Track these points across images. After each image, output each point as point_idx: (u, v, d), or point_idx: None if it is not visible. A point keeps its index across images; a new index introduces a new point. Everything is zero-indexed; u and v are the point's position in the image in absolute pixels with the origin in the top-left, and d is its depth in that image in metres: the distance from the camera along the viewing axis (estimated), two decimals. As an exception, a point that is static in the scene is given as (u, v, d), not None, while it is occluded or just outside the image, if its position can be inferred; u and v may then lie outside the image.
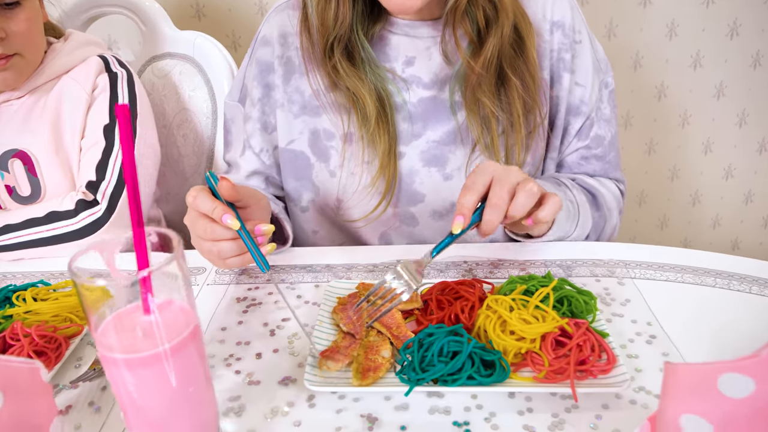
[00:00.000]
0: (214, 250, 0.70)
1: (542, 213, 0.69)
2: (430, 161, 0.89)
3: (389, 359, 0.60)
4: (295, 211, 0.98)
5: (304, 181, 0.94)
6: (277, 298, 0.75)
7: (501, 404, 0.57)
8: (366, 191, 0.90)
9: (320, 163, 0.91)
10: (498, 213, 0.66)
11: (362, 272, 0.80)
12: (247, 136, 0.96)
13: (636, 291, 0.74)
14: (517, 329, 0.60)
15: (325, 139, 0.90)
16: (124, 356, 0.44)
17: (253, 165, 0.96)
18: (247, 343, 0.67)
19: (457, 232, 0.66)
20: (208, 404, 0.50)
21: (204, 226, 0.69)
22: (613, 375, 0.58)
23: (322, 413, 0.56)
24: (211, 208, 0.68)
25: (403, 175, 0.90)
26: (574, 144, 0.95)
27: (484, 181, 0.67)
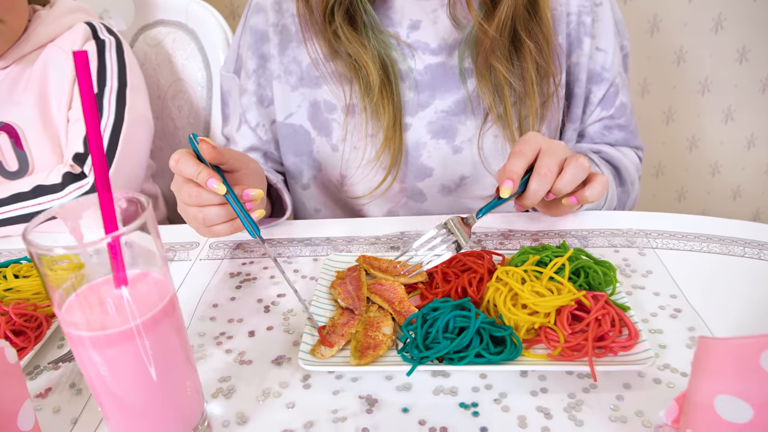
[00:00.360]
0: (200, 216, 0.65)
1: (589, 191, 0.65)
2: (438, 133, 0.84)
3: (390, 336, 0.55)
4: (295, 189, 0.93)
5: (304, 156, 0.89)
6: (273, 273, 0.71)
7: (512, 384, 0.52)
8: (370, 166, 0.85)
9: (321, 137, 0.86)
10: (545, 184, 0.62)
11: (363, 245, 0.76)
12: (242, 110, 0.91)
13: (658, 262, 0.69)
14: (530, 302, 0.55)
15: (325, 111, 0.85)
16: (90, 334, 0.39)
17: (250, 140, 0.92)
18: (239, 321, 0.62)
19: (506, 196, 0.63)
20: (190, 386, 0.46)
21: (189, 191, 0.64)
22: (636, 352, 0.53)
23: (318, 394, 0.52)
24: (195, 172, 0.63)
25: (409, 148, 0.84)
26: (597, 113, 0.89)
27: (532, 149, 0.64)
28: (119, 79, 0.92)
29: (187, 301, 0.66)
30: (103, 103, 0.89)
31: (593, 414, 0.49)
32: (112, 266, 0.40)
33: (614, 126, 0.91)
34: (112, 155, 0.87)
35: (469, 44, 0.82)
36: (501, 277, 0.58)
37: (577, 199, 0.67)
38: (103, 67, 0.91)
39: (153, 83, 1.11)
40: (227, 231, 0.67)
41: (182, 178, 0.65)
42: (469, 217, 0.65)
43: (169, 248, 0.78)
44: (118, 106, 0.91)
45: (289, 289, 0.67)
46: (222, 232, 0.67)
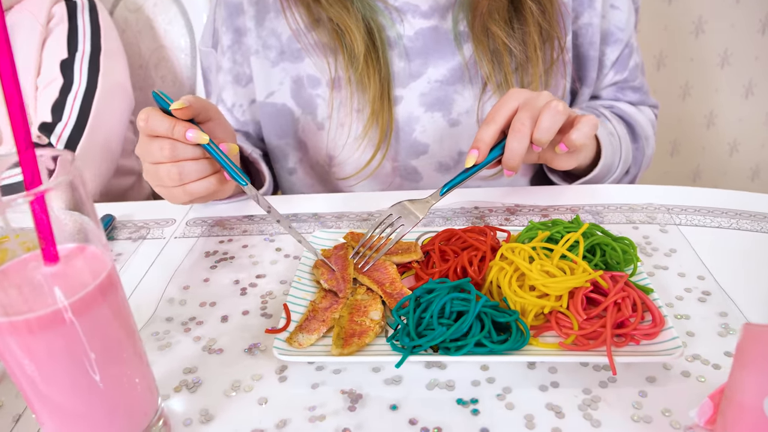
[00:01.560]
0: (174, 171, 0.58)
1: (575, 134, 0.59)
2: (432, 105, 0.76)
3: (379, 322, 0.49)
4: (281, 174, 0.86)
5: (288, 138, 0.81)
6: (252, 251, 0.64)
7: (518, 378, 0.45)
8: (357, 143, 0.77)
9: (306, 116, 0.79)
10: (520, 139, 0.57)
11: (355, 221, 0.69)
12: (219, 90, 0.84)
13: (682, 239, 0.62)
14: (539, 284, 0.48)
15: (309, 86, 0.78)
16: (9, 319, 0.32)
17: None
18: (212, 305, 0.56)
19: (468, 165, 0.58)
20: (140, 382, 0.39)
21: (161, 144, 0.57)
22: (661, 340, 0.46)
23: (294, 389, 0.46)
24: (169, 127, 0.56)
25: (401, 123, 0.77)
26: (611, 77, 0.83)
27: (507, 110, 0.59)
28: (92, 44, 0.85)
29: (155, 284, 0.60)
30: (74, 68, 0.82)
31: (612, 413, 0.42)
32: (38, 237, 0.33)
33: (628, 88, 0.85)
34: (83, 125, 0.80)
35: (464, 6, 0.74)
36: (506, 255, 0.51)
37: (566, 145, 0.60)
38: (74, 29, 0.84)
39: (134, 52, 1.04)
40: (207, 188, 0.60)
41: (150, 137, 0.58)
42: (431, 197, 0.58)
43: (143, 225, 0.71)
44: (91, 72, 0.84)
45: (270, 269, 0.60)
46: (200, 189, 0.60)
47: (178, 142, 0.58)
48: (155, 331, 0.53)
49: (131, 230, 0.70)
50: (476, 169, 0.59)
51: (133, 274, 0.62)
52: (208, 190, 0.60)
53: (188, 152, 0.58)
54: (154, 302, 0.57)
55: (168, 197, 0.62)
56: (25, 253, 0.35)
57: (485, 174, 0.79)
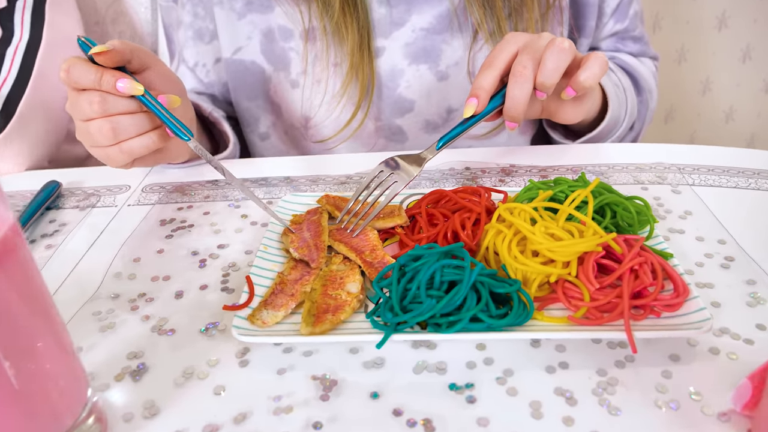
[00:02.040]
0: (107, 127, 0.50)
1: (584, 74, 0.52)
2: (417, 56, 0.69)
3: (357, 295, 0.42)
4: (253, 140, 0.78)
5: (259, 100, 0.73)
6: (215, 219, 0.56)
7: (520, 358, 0.38)
8: (336, 101, 0.69)
9: (278, 73, 0.71)
10: (522, 84, 0.51)
11: (332, 185, 0.61)
12: (179, 47, 0.75)
13: (698, 201, 0.55)
14: (544, 248, 0.41)
15: (281, 39, 0.69)
16: None
17: (190, 83, 0.76)
18: (165, 279, 0.48)
19: (467, 115, 0.52)
20: (60, 372, 0.32)
21: (89, 98, 0.49)
22: (685, 312, 0.39)
23: (258, 374, 0.38)
24: (96, 77, 0.48)
25: (383, 78, 0.69)
26: (611, 26, 0.76)
27: (506, 54, 0.53)
28: None
29: (102, 257, 0.52)
30: (14, 19, 0.73)
31: (632, 397, 0.36)
32: None
33: (628, 38, 0.79)
34: (25, 81, 0.71)
35: None
36: (504, 216, 0.44)
37: (573, 88, 0.54)
38: (13, -25, 0.74)
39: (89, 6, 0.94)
40: (146, 145, 0.52)
41: (75, 91, 0.50)
42: (426, 152, 0.52)
43: (93, 193, 0.63)
44: (35, 23, 0.75)
45: (234, 238, 0.53)
46: (139, 148, 0.52)
47: (109, 94, 0.49)
48: (97, 311, 0.45)
49: (79, 198, 0.62)
50: (475, 120, 0.52)
51: (78, 246, 0.54)
52: (149, 148, 0.52)
53: (121, 105, 0.50)
54: (98, 277, 0.49)
55: (106, 160, 0.54)
56: None
57: (479, 132, 0.72)
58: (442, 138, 0.52)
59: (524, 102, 0.52)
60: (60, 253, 0.53)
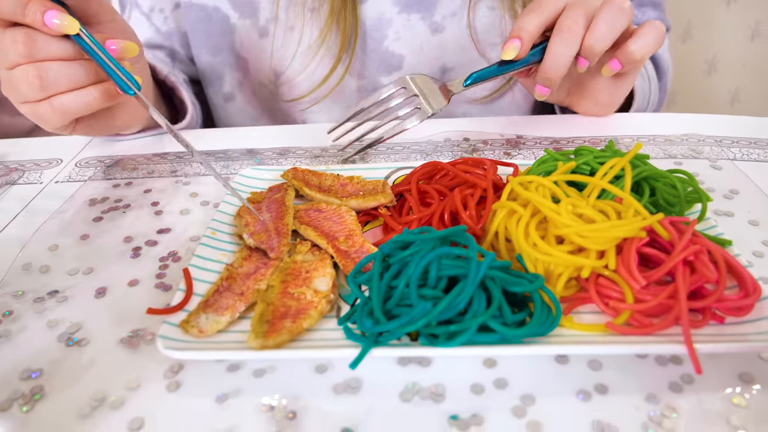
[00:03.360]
0: (33, 74, 0.39)
1: (636, 44, 0.45)
2: (409, 4, 0.59)
3: (327, 295, 0.32)
4: (216, 101, 0.67)
5: (223, 53, 0.63)
6: (159, 197, 0.46)
7: (544, 380, 0.29)
8: (312, 52, 0.59)
9: (245, 20, 0.60)
10: (569, 42, 0.44)
11: (303, 158, 0.51)
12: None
13: (744, 178, 0.46)
14: (572, 233, 0.31)
15: None
16: None
17: (144, 33, 0.65)
18: (87, 272, 0.38)
19: (508, 57, 0.44)
20: None
21: (13, 35, 0.39)
22: (757, 317, 0.30)
23: (192, 401, 0.29)
24: (19, 5, 0.38)
25: (368, 27, 0.59)
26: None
27: (554, 4, 0.45)
28: None
29: (12, 244, 0.41)
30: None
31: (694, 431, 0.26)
32: None
33: (648, 3, 0.68)
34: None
35: None
36: (517, 192, 0.34)
37: (620, 59, 0.45)
38: None
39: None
40: (85, 103, 0.41)
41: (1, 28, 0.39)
42: (452, 83, 0.45)
43: (17, 167, 0.52)
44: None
45: (178, 221, 0.43)
46: (75, 105, 0.41)
47: (37, 32, 0.39)
48: (-10, 313, 0.35)
49: (-1, 173, 0.52)
50: (510, 68, 0.45)
51: (-15, 230, 0.43)
52: (88, 107, 0.41)
53: (53, 48, 0.39)
54: (1, 270, 0.39)
55: (38, 120, 0.43)
56: None
57: (479, 93, 0.62)
58: (472, 74, 0.45)
59: (567, 62, 0.45)
60: (-39, 239, 0.42)
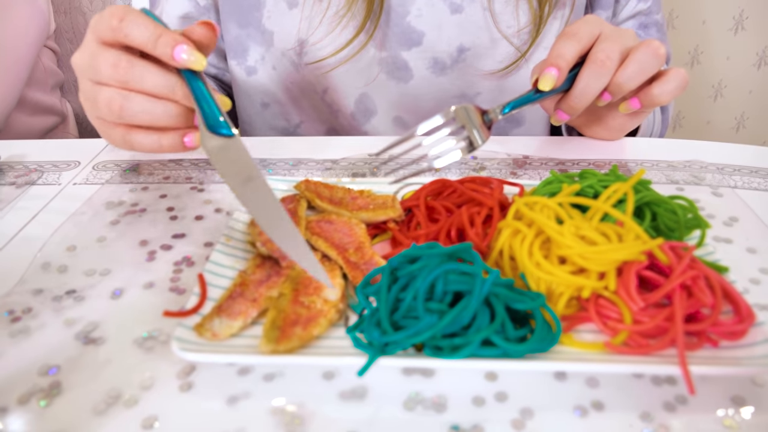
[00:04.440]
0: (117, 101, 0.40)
1: (660, 88, 0.47)
2: None
3: (336, 304, 0.33)
4: (238, 74, 0.68)
5: (250, 28, 0.65)
6: (173, 203, 0.47)
7: (543, 394, 0.30)
8: (337, 18, 0.61)
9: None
10: (602, 74, 0.45)
11: (316, 170, 0.52)
12: None
13: (743, 206, 0.47)
14: (574, 254, 0.32)
15: None
16: None
17: (182, 7, 0.67)
18: (103, 273, 0.39)
19: (546, 88, 0.45)
20: None
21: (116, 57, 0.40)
22: (750, 342, 0.31)
23: (203, 402, 0.30)
24: (154, 34, 0.39)
25: (393, 2, 0.61)
26: (633, 4, 0.68)
27: (590, 31, 0.46)
28: None
29: (31, 243, 0.43)
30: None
31: (688, 453, 0.27)
32: None
33: (652, 24, 0.71)
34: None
35: None
36: (522, 212, 0.36)
37: (642, 100, 0.45)
38: None
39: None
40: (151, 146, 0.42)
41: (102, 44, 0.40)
42: (491, 111, 0.46)
43: (36, 168, 0.54)
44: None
45: (193, 227, 0.44)
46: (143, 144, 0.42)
47: (138, 61, 0.40)
48: (10, 309, 0.36)
49: (18, 173, 0.53)
50: (544, 95, 0.46)
51: (5, 229, 0.45)
52: (153, 150, 0.43)
53: (148, 82, 0.40)
54: (21, 268, 0.40)
55: (103, 134, 0.45)
56: None
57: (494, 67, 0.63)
58: (509, 103, 0.46)
59: (595, 94, 0.46)
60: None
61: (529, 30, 0.62)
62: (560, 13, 0.62)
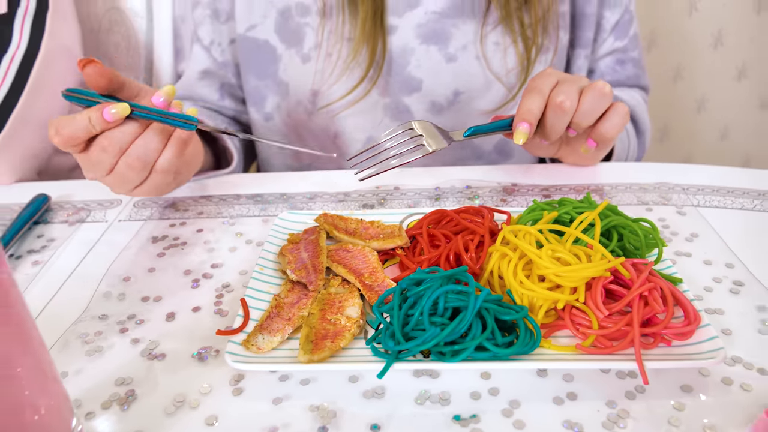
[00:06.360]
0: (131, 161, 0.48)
1: (605, 126, 0.54)
2: (428, 37, 0.69)
3: (357, 321, 0.40)
4: (256, 119, 0.77)
5: (268, 79, 0.73)
6: (208, 237, 0.55)
7: (527, 388, 0.37)
8: (345, 66, 0.69)
9: (290, 50, 0.71)
10: (561, 116, 0.53)
11: (329, 203, 0.60)
12: (194, 26, 0.76)
13: (704, 223, 0.54)
14: (551, 273, 0.40)
15: (298, 15, 0.70)
16: None
17: (203, 62, 0.76)
18: (156, 300, 0.47)
19: (520, 142, 0.53)
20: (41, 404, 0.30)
21: (100, 145, 0.48)
22: (697, 340, 0.38)
23: (252, 403, 0.37)
24: (85, 120, 0.47)
25: (394, 55, 0.70)
26: (610, 43, 0.76)
27: (550, 83, 0.54)
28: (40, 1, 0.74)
29: (90, 275, 0.50)
30: (14, 26, 0.72)
31: (643, 430, 0.34)
32: None
33: (628, 60, 0.79)
34: (20, 90, 0.70)
35: None
36: (508, 238, 0.43)
37: (595, 139, 0.54)
38: (14, -15, 0.73)
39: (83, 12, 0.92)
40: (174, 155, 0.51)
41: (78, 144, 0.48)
42: (454, 132, 0.54)
43: (83, 207, 0.61)
44: (34, 31, 0.73)
45: (228, 258, 0.51)
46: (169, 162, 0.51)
47: (112, 132, 0.48)
48: (84, 333, 0.43)
49: (69, 212, 0.60)
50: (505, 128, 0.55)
51: (66, 263, 0.52)
52: (178, 156, 0.51)
53: (128, 132, 0.48)
54: (86, 297, 0.47)
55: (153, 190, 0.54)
56: None
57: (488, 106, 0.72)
58: (472, 128, 0.54)
59: (561, 131, 0.54)
60: (47, 270, 0.51)
61: (516, 72, 0.69)
62: (544, 58, 0.70)
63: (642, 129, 0.77)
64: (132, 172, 0.49)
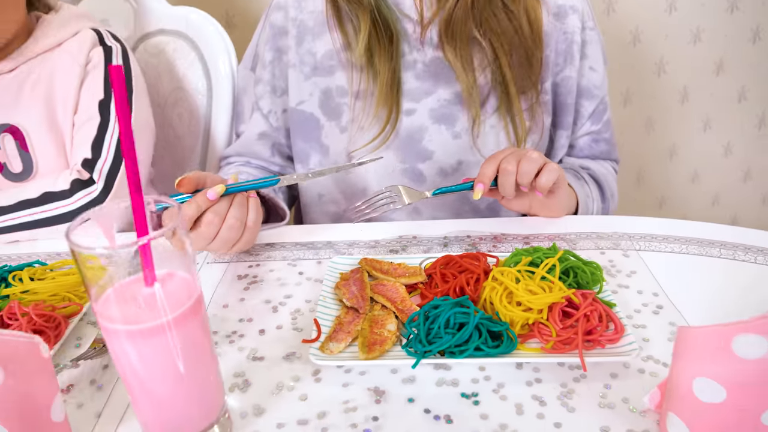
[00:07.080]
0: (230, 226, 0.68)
1: (540, 180, 0.73)
2: (439, 119, 0.91)
3: (395, 332, 0.59)
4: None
5: (312, 142, 0.94)
6: (279, 275, 0.74)
7: (509, 375, 0.56)
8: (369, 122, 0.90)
9: (330, 122, 0.92)
10: (506, 177, 0.73)
11: (364, 248, 0.79)
12: (256, 99, 0.97)
13: (641, 263, 0.74)
14: (524, 300, 0.59)
15: (337, 96, 0.91)
16: (125, 328, 0.42)
17: (261, 127, 0.98)
18: (249, 320, 0.66)
19: (477, 198, 0.74)
20: (213, 379, 0.49)
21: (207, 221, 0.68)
22: (621, 344, 0.57)
23: (329, 387, 0.56)
24: (195, 204, 0.67)
25: (412, 131, 0.91)
26: (587, 126, 0.97)
27: (503, 155, 0.75)
28: (126, 86, 0.95)
29: (197, 302, 0.69)
30: (110, 108, 0.92)
31: (583, 401, 0.53)
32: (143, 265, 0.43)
33: (601, 140, 1.00)
34: (120, 160, 0.90)
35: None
36: (497, 276, 0.63)
37: (537, 188, 0.74)
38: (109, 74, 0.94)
39: (152, 91, 1.13)
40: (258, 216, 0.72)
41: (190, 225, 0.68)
42: (425, 192, 0.77)
43: (176, 252, 0.81)
44: (124, 113, 0.94)
45: (295, 290, 0.71)
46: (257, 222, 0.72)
47: (213, 208, 0.68)
48: (204, 343, 0.62)
49: (167, 256, 0.80)
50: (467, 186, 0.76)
51: (176, 294, 0.71)
52: (260, 217, 0.72)
53: (223, 207, 0.69)
54: (198, 319, 0.67)
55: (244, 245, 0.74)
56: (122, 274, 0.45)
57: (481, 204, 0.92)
58: (439, 189, 0.77)
59: (511, 187, 0.74)
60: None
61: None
62: (531, 138, 0.90)
63: (606, 196, 0.97)
64: (232, 232, 0.69)
